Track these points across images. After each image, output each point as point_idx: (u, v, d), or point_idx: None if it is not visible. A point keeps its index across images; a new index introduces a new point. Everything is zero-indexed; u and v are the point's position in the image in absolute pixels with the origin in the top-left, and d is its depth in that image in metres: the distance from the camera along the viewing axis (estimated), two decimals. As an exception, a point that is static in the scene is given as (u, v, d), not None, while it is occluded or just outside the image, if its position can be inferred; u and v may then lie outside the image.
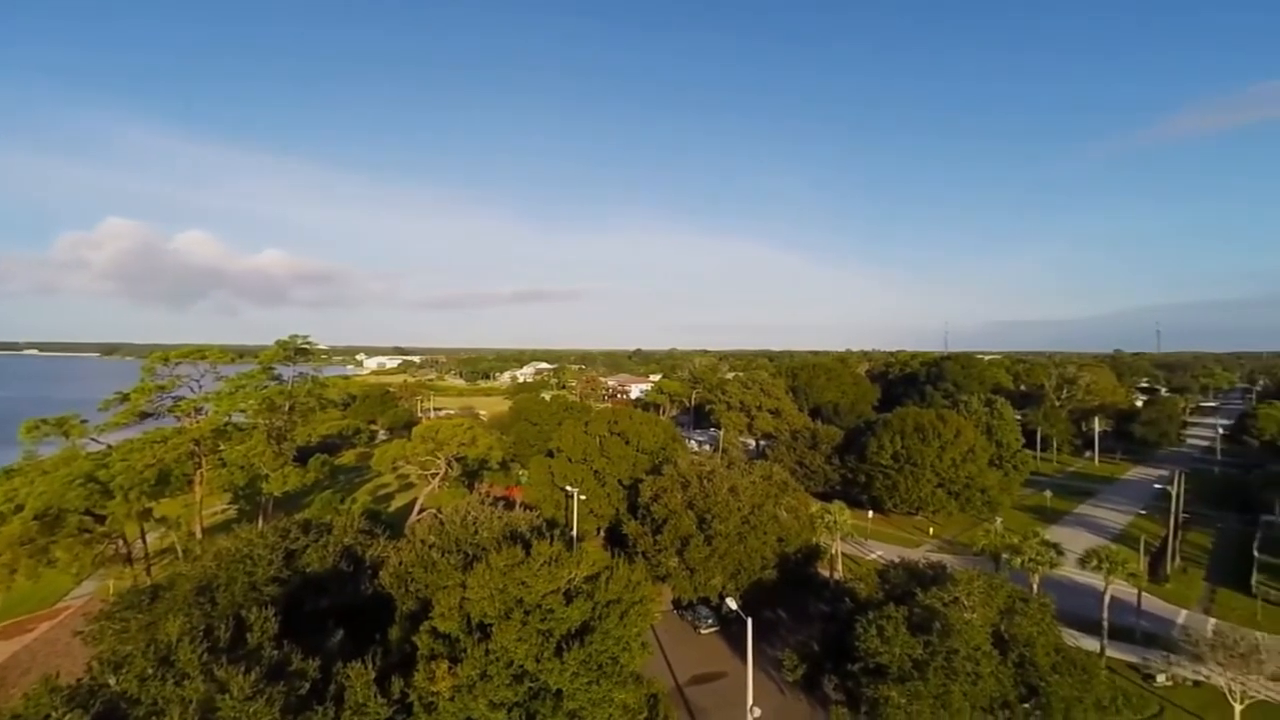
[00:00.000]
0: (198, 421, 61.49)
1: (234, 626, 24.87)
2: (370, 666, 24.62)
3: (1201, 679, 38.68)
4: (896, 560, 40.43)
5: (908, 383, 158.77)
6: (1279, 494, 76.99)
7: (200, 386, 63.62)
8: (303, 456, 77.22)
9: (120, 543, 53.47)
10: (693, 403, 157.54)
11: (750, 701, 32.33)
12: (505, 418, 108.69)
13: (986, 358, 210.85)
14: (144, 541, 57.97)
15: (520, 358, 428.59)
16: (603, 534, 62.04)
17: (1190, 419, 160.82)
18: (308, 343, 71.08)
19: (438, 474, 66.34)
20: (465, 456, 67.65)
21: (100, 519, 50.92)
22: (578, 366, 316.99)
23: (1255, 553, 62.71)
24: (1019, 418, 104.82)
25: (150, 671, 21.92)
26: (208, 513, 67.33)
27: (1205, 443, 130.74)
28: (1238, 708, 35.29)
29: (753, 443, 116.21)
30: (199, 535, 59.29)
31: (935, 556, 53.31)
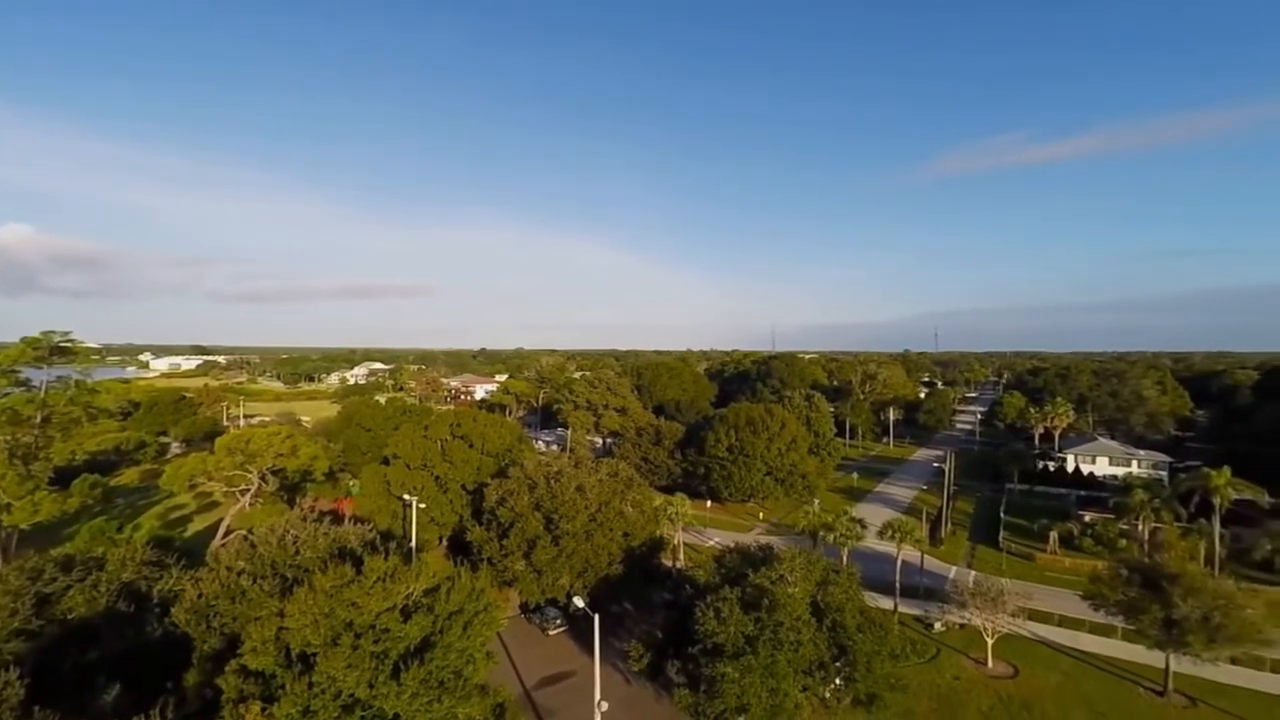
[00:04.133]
0: (-101, 441, 48.02)
1: (-42, 698, 19.85)
2: (159, 721, 21.08)
3: (966, 622, 46.74)
4: (731, 545, 43.60)
5: (741, 380, 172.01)
6: (1018, 466, 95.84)
7: (-97, 396, 49.75)
8: (64, 479, 63.56)
9: None
10: (540, 403, 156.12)
11: (598, 696, 32.88)
12: (333, 423, 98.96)
13: (807, 357, 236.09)
14: None
15: (351, 358, 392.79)
16: (445, 543, 59.16)
17: (958, 407, 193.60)
18: (69, 339, 58.83)
19: (249, 490, 58.52)
20: (284, 469, 60.43)
21: None
22: (417, 367, 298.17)
23: (1001, 515, 77.37)
24: (832, 410, 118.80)
25: None
26: (-84, 557, 52.74)
27: (969, 426, 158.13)
28: (989, 642, 43.31)
29: (600, 441, 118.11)
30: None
31: (764, 539, 58.26)
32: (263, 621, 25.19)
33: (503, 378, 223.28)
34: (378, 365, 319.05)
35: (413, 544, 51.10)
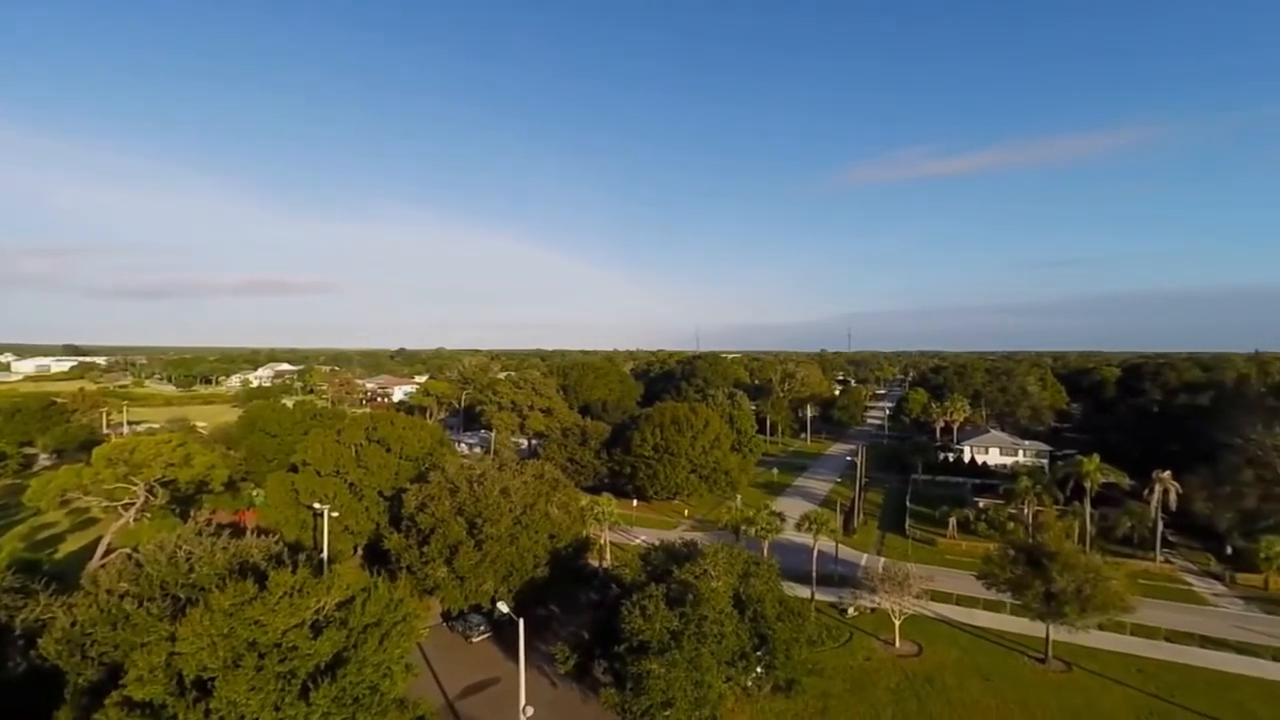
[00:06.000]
0: None
1: None
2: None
3: (876, 606, 49.60)
4: (657, 543, 44.15)
5: (666, 379, 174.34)
6: (922, 458, 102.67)
7: None
8: (-100, 498, 55.53)
9: None
10: (463, 404, 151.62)
11: (523, 701, 32.38)
12: (234, 429, 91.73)
13: (730, 356, 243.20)
14: None
15: (254, 358, 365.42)
16: (360, 552, 56.41)
17: (869, 404, 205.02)
18: (-92, 340, 51.37)
19: (134, 504, 53.37)
20: (175, 480, 55.53)
21: None
22: (329, 368, 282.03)
23: (907, 504, 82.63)
24: (754, 407, 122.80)
25: None
26: None
27: (879, 422, 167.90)
28: (897, 623, 46.19)
29: (525, 442, 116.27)
30: None
31: (689, 535, 59.59)
32: (150, 647, 23.06)
33: (423, 379, 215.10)
34: (284, 366, 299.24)
35: (324, 555, 48.34)
